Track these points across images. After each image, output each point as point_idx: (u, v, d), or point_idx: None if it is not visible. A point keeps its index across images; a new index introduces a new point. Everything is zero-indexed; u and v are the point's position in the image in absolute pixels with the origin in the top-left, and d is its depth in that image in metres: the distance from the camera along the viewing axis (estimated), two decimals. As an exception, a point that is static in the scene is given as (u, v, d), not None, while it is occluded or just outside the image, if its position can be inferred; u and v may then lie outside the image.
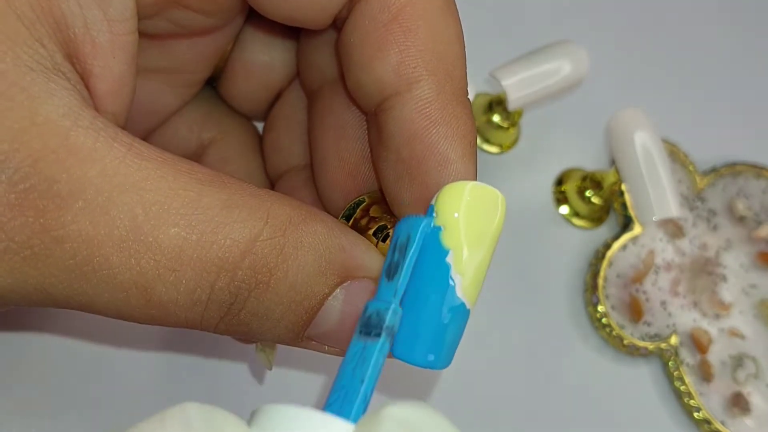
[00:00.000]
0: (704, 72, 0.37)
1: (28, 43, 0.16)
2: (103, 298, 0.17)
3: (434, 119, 0.19)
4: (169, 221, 0.16)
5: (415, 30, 0.19)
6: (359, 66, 0.19)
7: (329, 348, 0.19)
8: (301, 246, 0.17)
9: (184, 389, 0.26)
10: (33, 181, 0.16)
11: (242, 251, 0.17)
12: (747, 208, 0.32)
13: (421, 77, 0.19)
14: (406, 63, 0.19)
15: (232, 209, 0.17)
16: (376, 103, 0.19)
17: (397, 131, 0.19)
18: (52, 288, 0.16)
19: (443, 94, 0.19)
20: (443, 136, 0.19)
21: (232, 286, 0.17)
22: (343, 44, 0.20)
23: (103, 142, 0.16)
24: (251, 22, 0.24)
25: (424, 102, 0.19)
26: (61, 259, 0.16)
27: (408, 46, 0.19)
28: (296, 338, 0.19)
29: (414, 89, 0.19)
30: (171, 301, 0.17)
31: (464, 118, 0.19)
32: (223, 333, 0.18)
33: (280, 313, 0.18)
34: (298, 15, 0.20)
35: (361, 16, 0.19)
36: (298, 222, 0.18)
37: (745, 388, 0.30)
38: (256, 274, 0.17)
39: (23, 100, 0.16)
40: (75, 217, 0.16)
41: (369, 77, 0.19)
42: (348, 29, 0.20)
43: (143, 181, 0.16)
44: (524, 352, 0.29)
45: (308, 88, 0.24)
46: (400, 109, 0.19)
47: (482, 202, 0.17)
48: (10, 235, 0.16)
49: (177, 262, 0.16)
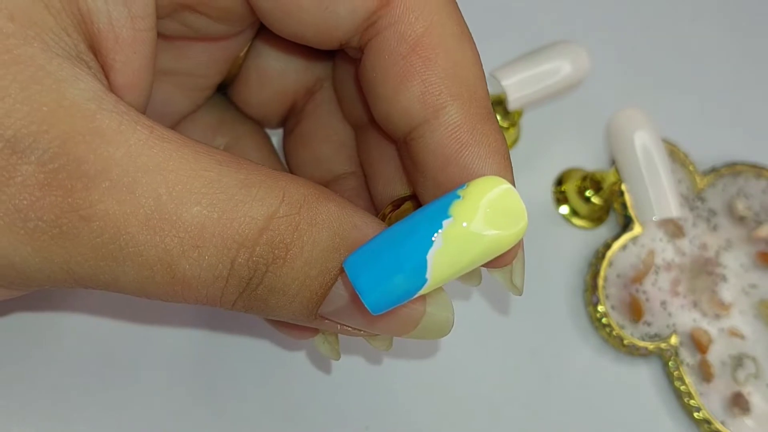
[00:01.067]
0: (704, 72, 0.37)
1: (54, 31, 0.17)
2: (128, 276, 0.17)
3: (464, 142, 0.19)
4: (192, 200, 0.17)
5: (434, 59, 0.19)
6: (384, 100, 0.20)
7: (341, 326, 0.20)
8: (316, 223, 0.18)
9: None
10: (62, 161, 0.16)
11: (260, 228, 0.17)
12: (747, 208, 0.32)
13: (446, 103, 0.19)
14: (429, 92, 0.19)
15: (250, 188, 0.17)
16: (405, 132, 0.20)
17: (430, 158, 0.19)
18: (78, 267, 0.17)
19: (469, 115, 0.19)
20: (476, 156, 0.19)
21: (251, 261, 0.17)
22: (364, 79, 0.20)
23: (127, 125, 0.17)
24: (266, 30, 0.24)
25: (452, 127, 0.19)
26: (88, 238, 0.16)
27: (429, 75, 0.19)
28: (310, 315, 0.19)
29: (441, 116, 0.19)
30: (194, 276, 0.17)
31: (493, 134, 0.19)
32: (240, 309, 0.19)
33: (296, 289, 0.18)
34: (304, 36, 0.20)
35: (379, 50, 0.19)
36: (313, 200, 0.18)
37: (745, 388, 0.30)
38: (273, 250, 0.18)
39: (51, 83, 0.16)
40: (102, 196, 0.16)
41: (395, 109, 0.20)
42: (368, 65, 0.20)
43: (166, 162, 0.17)
44: (524, 351, 0.29)
45: (350, 116, 0.25)
46: (430, 136, 0.19)
47: (507, 208, 0.17)
48: (39, 214, 0.16)
49: (200, 239, 0.17)
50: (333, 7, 0.19)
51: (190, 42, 0.23)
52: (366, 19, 0.19)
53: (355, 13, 0.19)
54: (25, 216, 0.16)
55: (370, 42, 0.20)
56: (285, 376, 0.27)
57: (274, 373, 0.27)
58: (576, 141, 0.34)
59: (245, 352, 0.27)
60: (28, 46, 0.16)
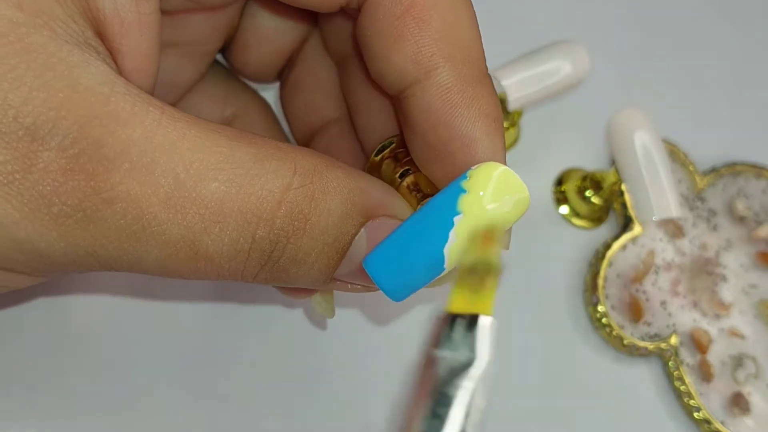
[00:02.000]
0: (704, 72, 0.37)
1: (62, 18, 0.17)
2: (152, 256, 0.17)
3: (455, 103, 0.19)
4: (209, 176, 0.17)
5: (427, 20, 0.19)
6: (378, 58, 0.20)
7: (352, 285, 0.20)
8: (328, 191, 0.18)
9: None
10: (82, 146, 0.16)
11: (278, 200, 0.18)
12: (747, 208, 0.32)
13: (437, 64, 0.19)
14: (422, 52, 0.19)
15: (263, 161, 0.18)
16: (399, 90, 0.20)
17: (421, 117, 0.20)
18: (102, 249, 0.17)
19: (461, 77, 0.19)
20: (465, 118, 0.19)
21: (272, 234, 0.18)
22: (360, 36, 0.21)
23: (140, 106, 0.17)
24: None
25: (443, 88, 0.19)
26: (112, 220, 0.17)
27: (422, 36, 0.19)
28: (326, 280, 0.19)
29: (432, 76, 0.19)
30: (217, 252, 0.18)
31: (485, 97, 0.20)
32: (262, 281, 0.19)
33: (315, 256, 0.19)
34: (307, 1, 0.21)
35: (374, 10, 0.20)
36: (322, 169, 0.18)
37: (745, 388, 0.30)
38: (293, 222, 0.18)
39: (63, 69, 0.16)
40: (122, 178, 0.16)
41: (388, 69, 0.20)
42: (363, 23, 0.20)
43: (180, 141, 0.17)
44: (524, 351, 0.29)
45: (334, 55, 0.25)
46: (421, 96, 0.20)
47: (509, 187, 0.18)
48: (63, 198, 0.16)
49: (220, 214, 0.17)
50: None
51: (190, 14, 0.23)
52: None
53: None
54: (49, 201, 0.16)
55: (366, 1, 0.20)
56: (286, 372, 0.27)
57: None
58: (576, 141, 0.34)
59: (246, 350, 0.27)
60: (38, 34, 0.16)
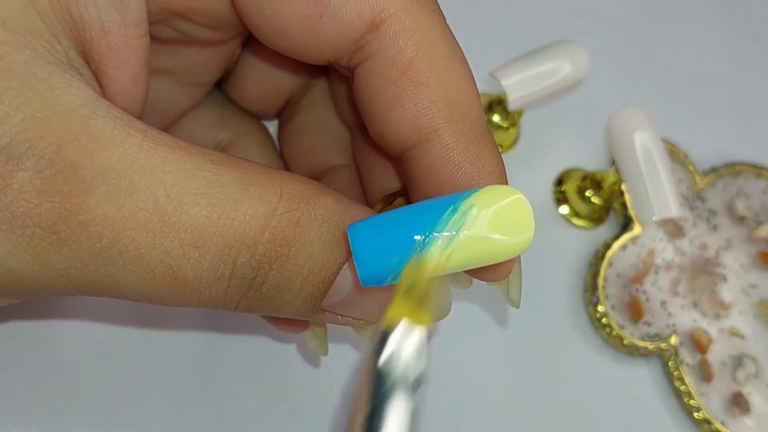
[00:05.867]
0: (704, 72, 0.37)
1: (45, 38, 0.17)
2: (129, 281, 0.17)
3: (458, 163, 0.19)
4: (190, 201, 0.17)
5: (425, 83, 0.19)
6: (377, 121, 0.20)
7: (342, 317, 0.20)
8: (315, 218, 0.18)
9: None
10: (58, 167, 0.16)
11: (261, 226, 0.17)
12: (747, 208, 0.32)
13: (438, 126, 0.19)
14: (421, 115, 0.19)
15: (248, 186, 0.17)
16: (400, 152, 0.20)
17: (424, 178, 0.19)
18: (78, 273, 0.17)
19: (462, 136, 0.19)
20: (470, 176, 0.19)
21: (254, 260, 0.17)
22: (357, 99, 0.20)
23: (120, 129, 0.17)
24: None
25: (445, 149, 0.19)
26: (87, 243, 0.16)
27: (421, 99, 0.19)
28: (312, 310, 0.19)
29: (434, 138, 0.19)
30: (196, 278, 0.17)
31: (488, 154, 0.19)
32: (245, 310, 0.19)
33: (300, 285, 0.18)
34: (294, 51, 0.20)
35: (370, 74, 0.19)
36: (310, 196, 0.18)
37: (745, 388, 0.30)
38: (276, 248, 0.17)
39: (43, 90, 0.16)
40: (99, 201, 0.16)
41: (388, 131, 0.20)
42: (359, 86, 0.20)
43: (162, 164, 0.17)
44: (524, 351, 0.29)
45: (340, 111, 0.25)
46: (423, 157, 0.19)
47: (516, 218, 0.17)
48: (36, 221, 0.16)
49: (200, 239, 0.17)
50: (321, 29, 0.19)
51: (186, 45, 0.23)
52: (355, 42, 0.19)
53: (344, 36, 0.19)
54: (23, 223, 0.16)
55: (360, 65, 0.20)
56: (284, 379, 0.27)
57: (272, 375, 0.27)
58: (576, 141, 0.34)
59: (243, 357, 0.27)
60: (20, 53, 0.16)
